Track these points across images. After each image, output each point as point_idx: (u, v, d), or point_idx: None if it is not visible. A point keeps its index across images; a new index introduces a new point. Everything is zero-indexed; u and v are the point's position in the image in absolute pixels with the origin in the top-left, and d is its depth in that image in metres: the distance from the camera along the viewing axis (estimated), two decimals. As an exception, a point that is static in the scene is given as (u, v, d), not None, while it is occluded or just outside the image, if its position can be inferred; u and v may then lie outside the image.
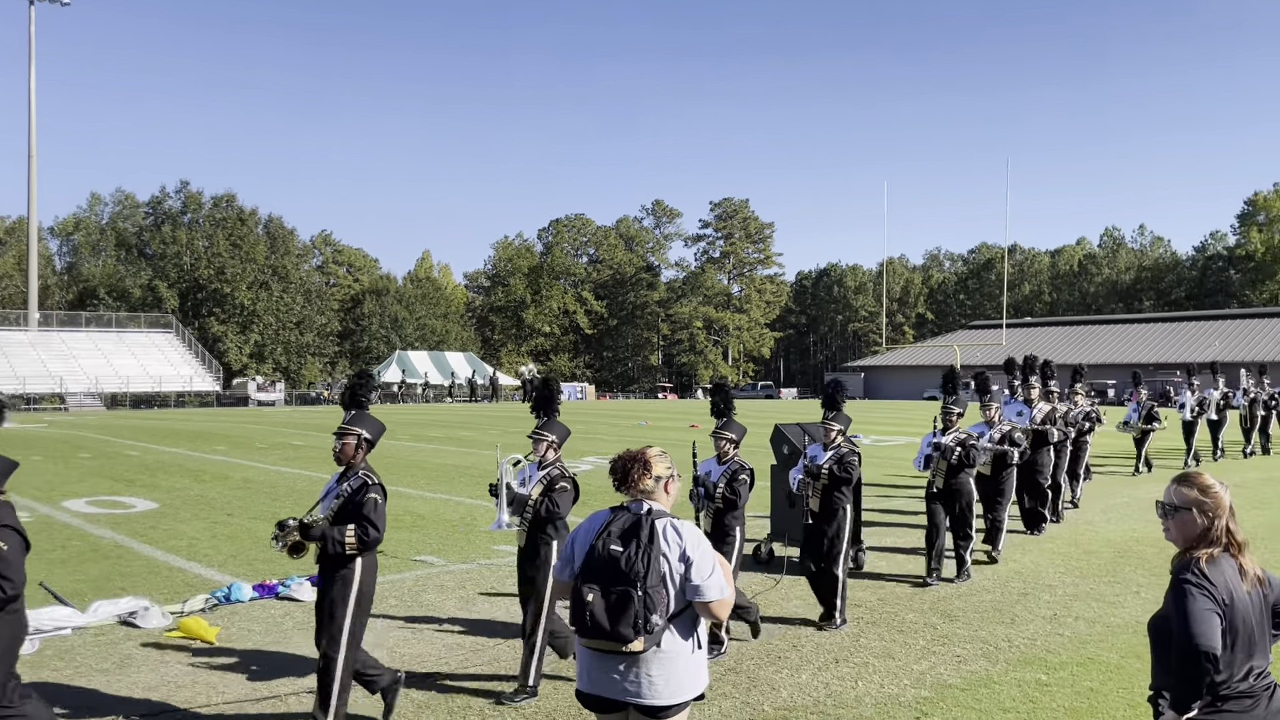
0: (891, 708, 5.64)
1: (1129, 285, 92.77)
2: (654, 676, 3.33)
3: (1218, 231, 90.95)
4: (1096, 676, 6.15)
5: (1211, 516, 3.06)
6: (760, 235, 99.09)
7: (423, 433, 28.42)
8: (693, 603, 3.37)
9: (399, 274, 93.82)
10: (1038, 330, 76.89)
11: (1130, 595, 8.32)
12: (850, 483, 7.46)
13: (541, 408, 6.34)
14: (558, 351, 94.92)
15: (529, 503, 5.96)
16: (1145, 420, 16.96)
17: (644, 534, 3.37)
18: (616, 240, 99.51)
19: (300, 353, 75.72)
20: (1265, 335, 61.85)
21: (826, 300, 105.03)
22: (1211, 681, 2.85)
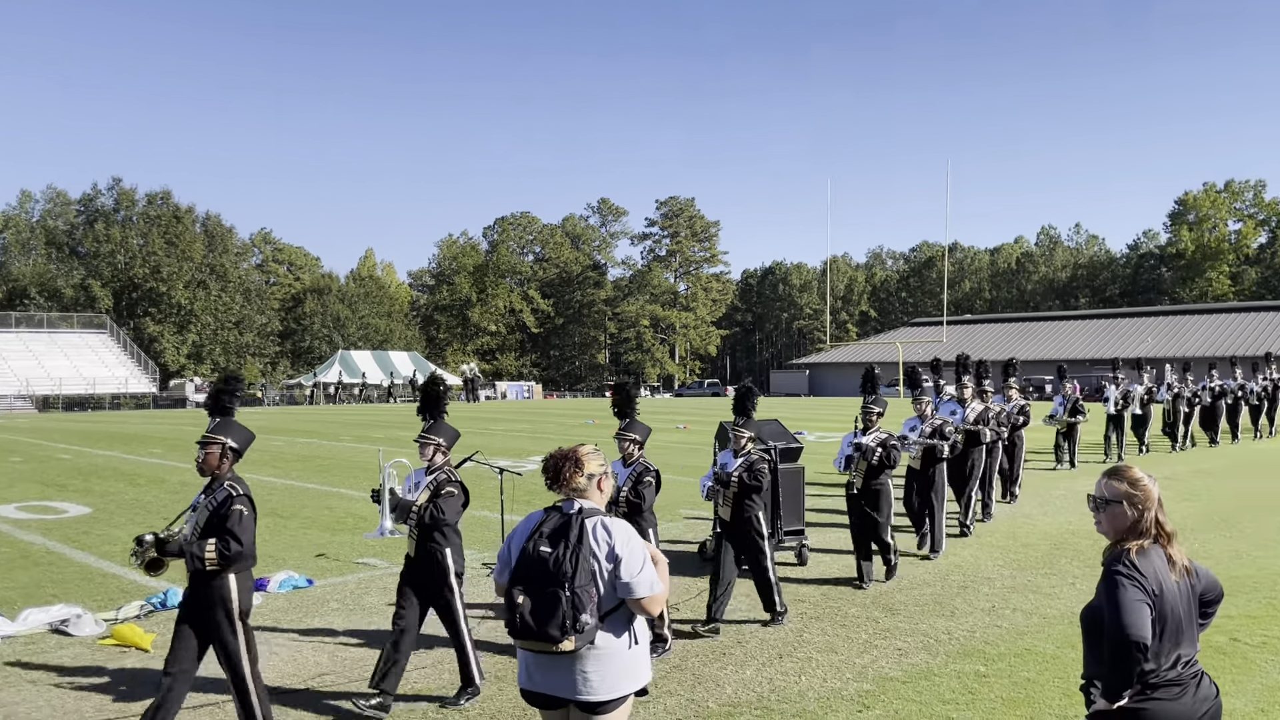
0: (834, 701, 5.70)
1: (1065, 283, 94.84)
2: (589, 673, 3.37)
3: (1150, 230, 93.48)
4: (1033, 667, 6.28)
5: (1141, 509, 3.13)
6: (706, 234, 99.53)
7: (366, 434, 28.09)
8: (625, 600, 3.40)
9: (341, 273, 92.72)
10: (978, 327, 78.28)
11: (1066, 587, 8.50)
12: (760, 490, 7.31)
13: (428, 409, 6.09)
14: (504, 350, 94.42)
15: (414, 509, 5.74)
16: (1070, 414, 17.20)
17: (573, 534, 3.40)
18: (563, 239, 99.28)
19: (240, 353, 74.35)
20: (1195, 331, 63.64)
21: (772, 298, 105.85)
22: (1141, 670, 2.92)
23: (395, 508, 5.85)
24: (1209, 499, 13.67)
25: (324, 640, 7.04)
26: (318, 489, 15.47)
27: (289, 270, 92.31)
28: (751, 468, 7.31)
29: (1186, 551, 3.21)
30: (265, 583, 8.72)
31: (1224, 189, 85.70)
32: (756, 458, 7.39)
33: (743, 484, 7.28)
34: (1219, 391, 21.90)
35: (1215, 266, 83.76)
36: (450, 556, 5.78)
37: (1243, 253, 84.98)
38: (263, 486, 15.54)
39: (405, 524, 5.84)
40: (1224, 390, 22.12)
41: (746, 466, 7.33)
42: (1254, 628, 7.10)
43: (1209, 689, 3.08)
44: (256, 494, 5.72)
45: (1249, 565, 9.25)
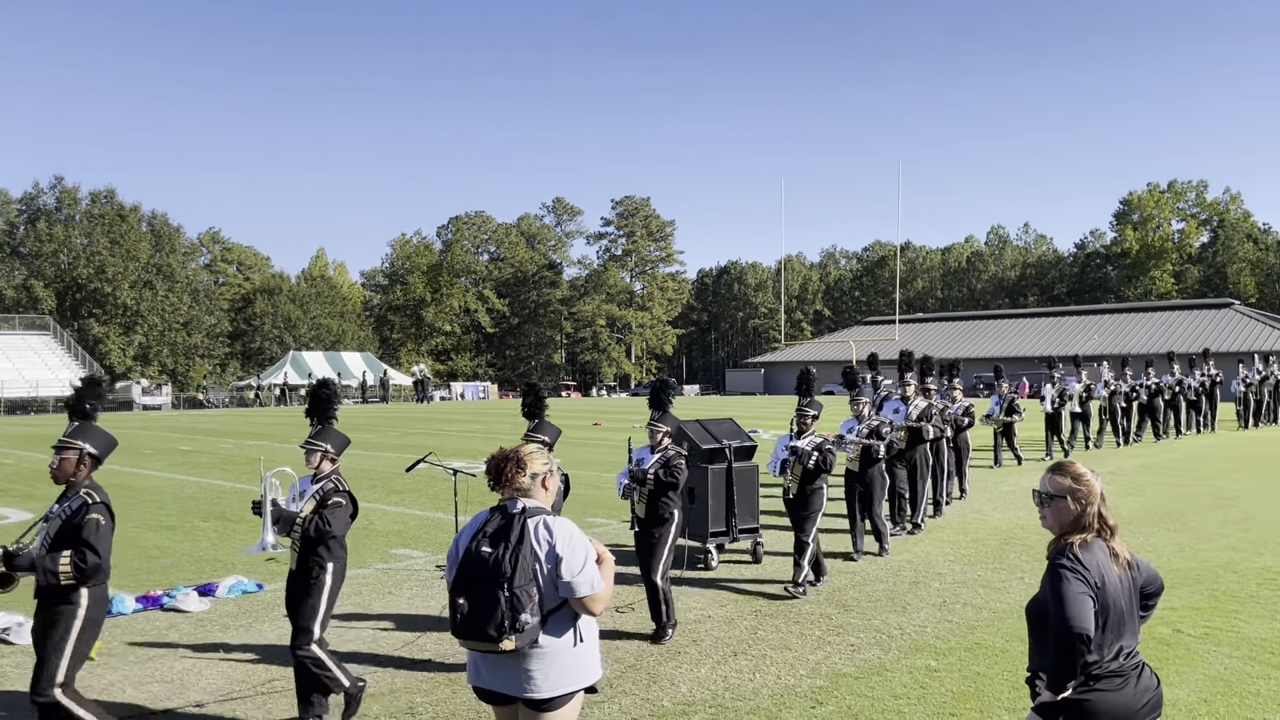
0: (788, 698, 5.74)
1: (1014, 281, 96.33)
2: (533, 672, 3.42)
3: (1097, 230, 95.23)
4: (983, 661, 6.37)
5: (1084, 503, 3.19)
6: (662, 233, 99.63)
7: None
8: (568, 599, 3.43)
9: (292, 272, 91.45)
10: (929, 325, 79.25)
11: (1015, 581, 8.64)
12: (677, 488, 7.08)
13: (316, 413, 5.75)
14: (459, 350, 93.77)
15: (297, 521, 5.37)
16: (1007, 412, 17.20)
17: (514, 534, 3.42)
18: (518, 238, 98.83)
19: (188, 354, 72.98)
20: (1140, 328, 64.98)
21: (727, 297, 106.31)
22: (1084, 662, 2.97)
23: (278, 519, 5.45)
24: (1153, 494, 13.96)
25: (274, 646, 6.93)
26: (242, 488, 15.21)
27: (238, 270, 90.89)
28: (668, 464, 7.10)
29: (1131, 545, 3.28)
30: (214, 588, 8.59)
31: (1167, 189, 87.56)
32: (674, 454, 7.19)
33: (658, 481, 7.07)
34: (1155, 389, 22.14)
35: (1159, 265, 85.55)
36: (331, 572, 5.41)
37: (1185, 252, 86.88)
38: (211, 490, 15.29)
39: (288, 537, 5.46)
40: (1160, 387, 22.34)
41: (663, 463, 7.12)
42: (1197, 619, 7.26)
43: (1150, 679, 3.15)
44: (206, 498, 5.61)
45: (1191, 558, 9.46)
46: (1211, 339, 56.93)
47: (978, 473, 16.45)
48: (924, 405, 11.54)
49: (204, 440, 26.36)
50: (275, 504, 5.50)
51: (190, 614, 7.90)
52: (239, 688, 6.07)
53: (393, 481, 16.22)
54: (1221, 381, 24.89)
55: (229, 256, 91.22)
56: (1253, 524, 11.33)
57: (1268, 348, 48.12)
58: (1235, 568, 9.02)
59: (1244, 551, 9.75)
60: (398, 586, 8.76)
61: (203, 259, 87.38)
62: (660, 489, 7.08)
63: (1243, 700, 5.55)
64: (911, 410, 11.38)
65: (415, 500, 14.03)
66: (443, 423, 34.09)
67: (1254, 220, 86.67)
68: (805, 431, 8.50)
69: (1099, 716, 3.02)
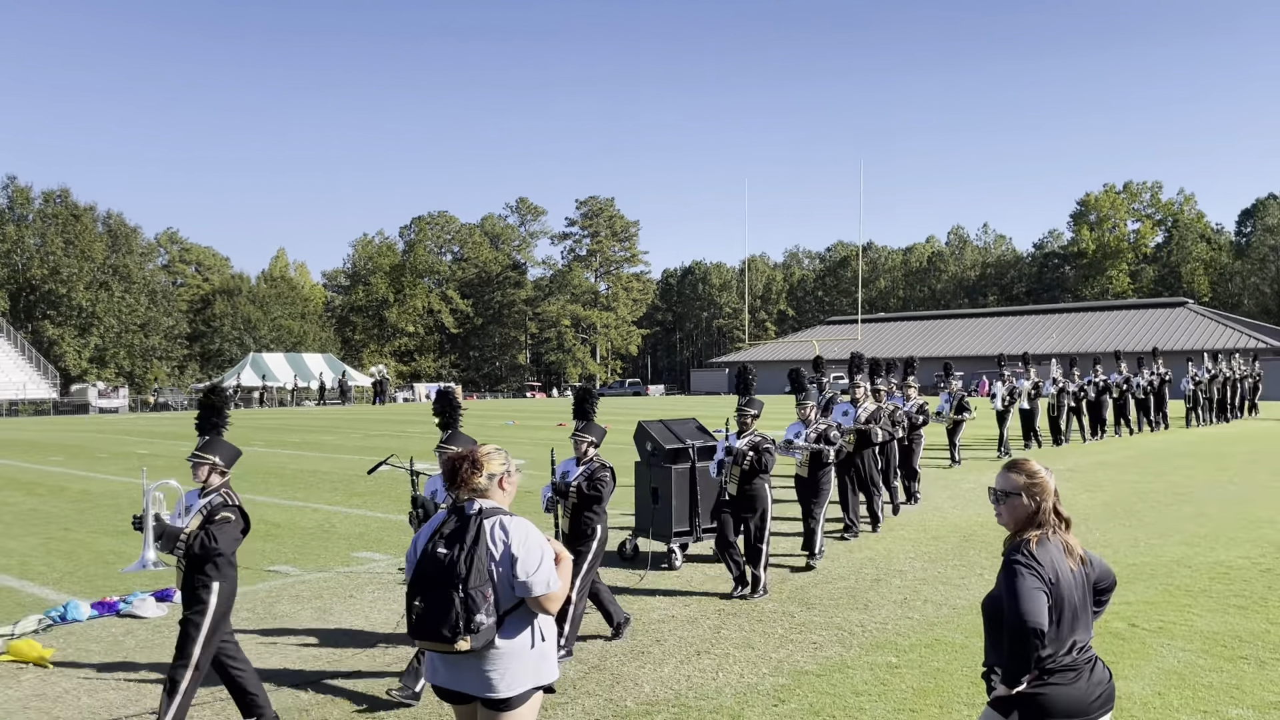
0: (750, 696, 5.77)
1: (974, 281, 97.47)
2: (490, 672, 3.43)
3: (1055, 230, 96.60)
4: (943, 657, 6.44)
5: (1038, 500, 3.24)
6: (626, 234, 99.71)
7: (279, 438, 27.45)
8: (524, 598, 3.44)
9: (252, 273, 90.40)
10: (891, 325, 79.96)
11: (975, 577, 8.73)
12: (601, 501, 6.74)
13: (204, 423, 5.49)
14: (423, 351, 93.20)
15: (181, 537, 5.10)
16: (956, 411, 17.13)
17: (469, 535, 3.44)
18: (482, 238, 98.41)
19: (145, 356, 71.86)
20: (1097, 327, 65.98)
21: (692, 298, 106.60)
22: (1039, 656, 3.02)
23: (160, 535, 5.15)
24: (1111, 490, 14.18)
25: (233, 651, 6.85)
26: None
27: (197, 271, 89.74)
28: (592, 477, 6.75)
29: (1088, 541, 3.34)
30: (171, 593, 8.46)
31: (1123, 190, 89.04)
32: (599, 466, 6.85)
33: (581, 494, 6.73)
34: (1103, 386, 22.29)
35: (1115, 265, 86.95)
36: (217, 591, 5.16)
37: (1141, 251, 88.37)
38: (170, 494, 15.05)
39: (172, 554, 5.20)
40: (1108, 385, 22.52)
41: (588, 475, 6.78)
42: (1151, 613, 7.38)
43: (1102, 673, 3.20)
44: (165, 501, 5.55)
45: (1147, 553, 9.62)
46: (1166, 337, 57.96)
47: (937, 471, 16.63)
48: (873, 408, 11.36)
49: (162, 443, 25.98)
50: (158, 519, 5.21)
51: (147, 620, 7.78)
52: (197, 695, 5.99)
53: (354, 484, 16.09)
54: (1170, 380, 25.16)
55: (187, 257, 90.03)
56: (1206, 519, 11.55)
57: (1221, 346, 49.06)
58: (1189, 562, 9.19)
59: (1197, 546, 9.94)
60: (360, 589, 8.70)
61: (160, 260, 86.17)
62: (584, 503, 6.73)
63: (1195, 693, 5.66)
64: (860, 413, 11.19)
65: (377, 503, 13.93)
66: (404, 424, 33.87)
67: (1207, 221, 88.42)
68: (745, 431, 8.27)
69: (1052, 710, 3.07)
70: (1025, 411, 20.00)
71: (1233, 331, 58.32)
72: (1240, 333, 57.88)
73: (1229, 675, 5.95)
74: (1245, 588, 8.15)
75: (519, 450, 21.19)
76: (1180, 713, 5.35)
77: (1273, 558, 9.30)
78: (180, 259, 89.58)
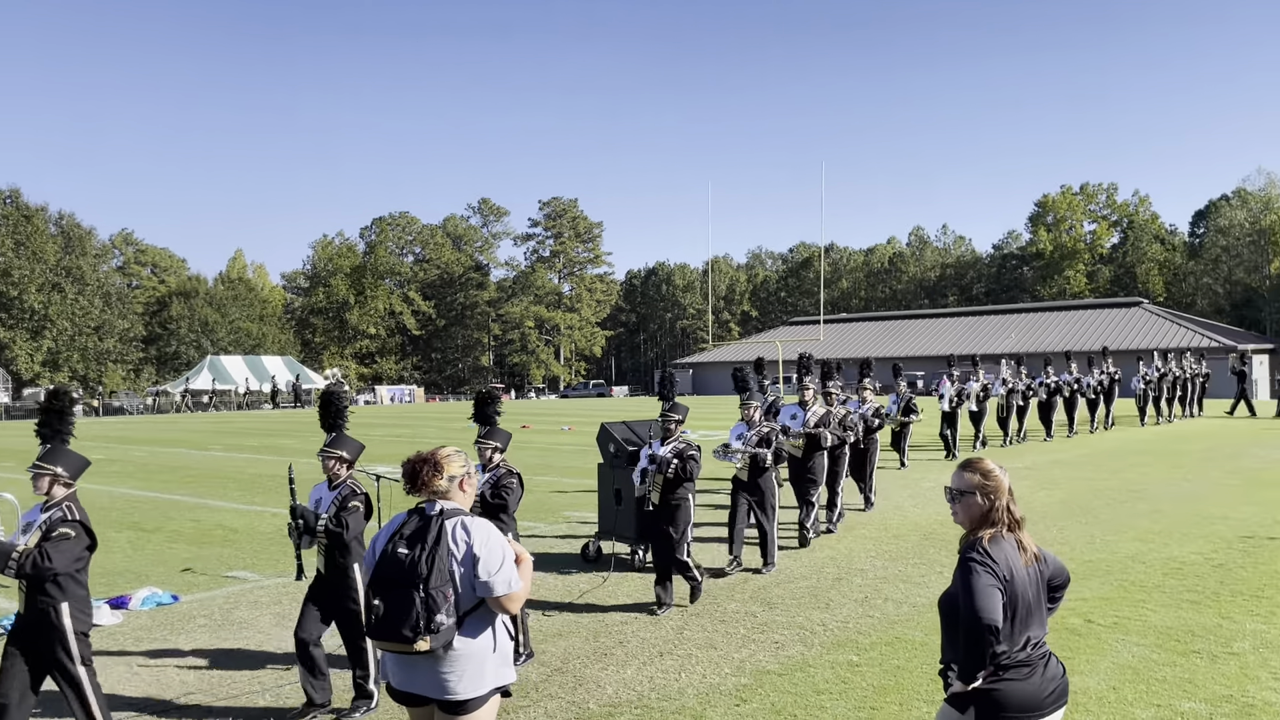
0: (713, 696, 5.78)
1: (935, 282, 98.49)
2: (448, 673, 3.42)
3: (1014, 231, 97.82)
4: (903, 654, 6.49)
5: (992, 498, 3.28)
6: (589, 235, 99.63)
7: (239, 441, 27.10)
8: (485, 599, 3.44)
9: (209, 274, 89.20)
10: (853, 325, 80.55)
11: (935, 575, 8.82)
12: (507, 509, 6.47)
13: (46, 430, 5.18)
14: (384, 354, 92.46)
15: (13, 556, 4.71)
16: (904, 412, 16.87)
17: (431, 535, 3.44)
18: (444, 239, 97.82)
19: (100, 360, 70.66)
20: (1054, 327, 66.90)
21: (655, 299, 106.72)
22: (994, 653, 3.05)
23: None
24: (1067, 488, 14.38)
25: (191, 659, 6.76)
26: (184, 500, 14.84)
27: (153, 273, 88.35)
28: (498, 484, 6.49)
29: (1045, 538, 3.38)
30: (127, 600, 8.33)
31: (1079, 192, 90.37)
32: (504, 473, 6.56)
33: (486, 503, 6.43)
34: (1054, 387, 22.35)
35: (1072, 265, 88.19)
36: (68, 613, 4.79)
37: (1097, 252, 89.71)
38: (125, 500, 14.82)
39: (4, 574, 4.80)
40: (1059, 385, 22.57)
41: (492, 483, 6.49)
42: (1107, 609, 7.50)
43: (1056, 668, 3.25)
44: (119, 508, 5.45)
45: (1102, 550, 9.77)
46: (1122, 337, 58.92)
47: (893, 472, 16.78)
48: (823, 411, 10.86)
49: (118, 448, 25.55)
50: None
51: (101, 627, 7.65)
52: (153, 703, 5.90)
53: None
54: (1120, 379, 25.38)
55: (143, 259, 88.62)
56: (1160, 515, 11.76)
57: (1175, 345, 49.95)
58: (1143, 558, 9.35)
59: (1151, 542, 10.11)
60: (319, 595, 8.60)
61: (115, 261, 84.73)
62: (488, 512, 6.33)
63: (1149, 687, 5.76)
64: (809, 416, 10.72)
65: (338, 506, 13.78)
66: (367, 427, 33.54)
67: (1161, 222, 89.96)
68: (669, 437, 7.92)
69: (1007, 705, 3.11)
70: (974, 413, 20.03)
71: (1186, 330, 59.39)
72: (1194, 332, 58.95)
73: (1182, 669, 6.06)
74: (1198, 583, 8.31)
75: (482, 452, 21.09)
76: (1134, 706, 5.44)
77: (1224, 553, 9.49)
78: (135, 260, 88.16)
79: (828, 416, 10.82)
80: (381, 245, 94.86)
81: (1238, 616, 7.22)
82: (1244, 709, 5.37)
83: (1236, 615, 7.25)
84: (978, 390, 19.93)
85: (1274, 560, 9.10)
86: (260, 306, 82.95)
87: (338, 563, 5.75)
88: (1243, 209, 78.88)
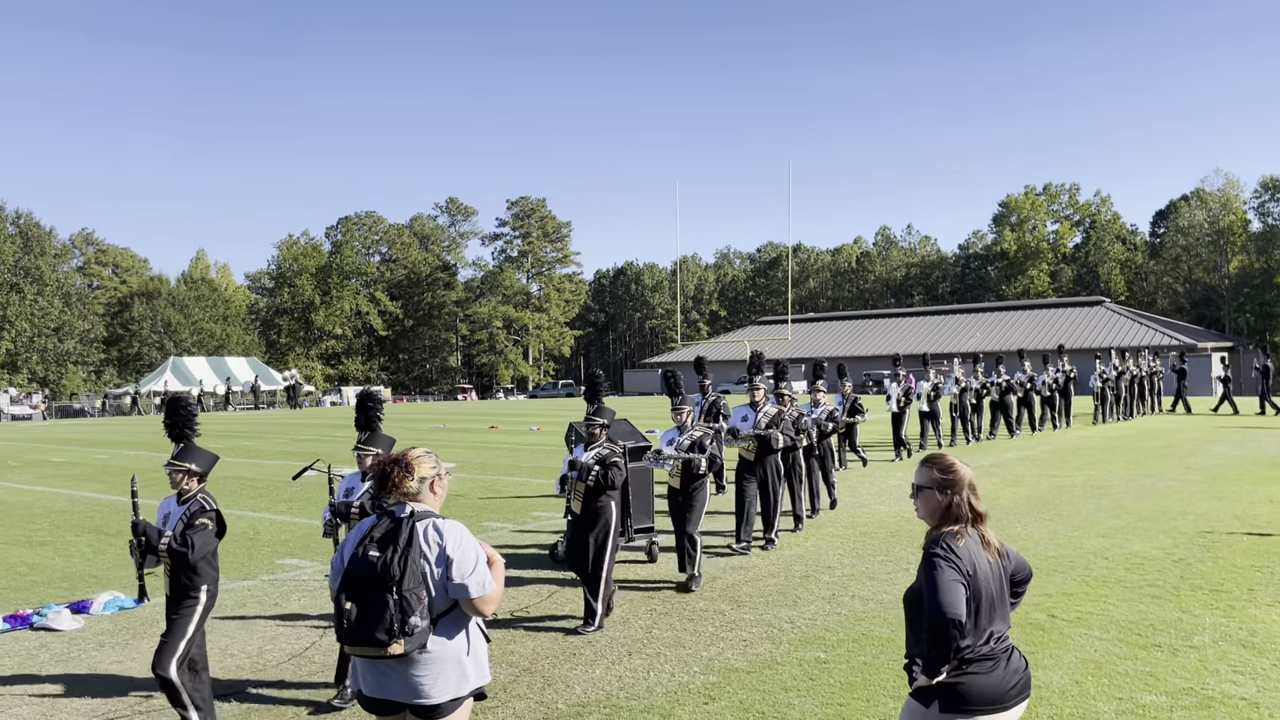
0: (681, 695, 5.79)
1: (901, 281, 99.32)
2: (422, 677, 3.37)
3: (978, 231, 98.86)
4: (870, 651, 6.54)
5: (951, 494, 3.31)
6: (558, 234, 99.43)
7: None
8: (459, 601, 3.41)
9: (172, 275, 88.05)
10: (820, 325, 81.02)
11: (901, 572, 8.89)
12: None
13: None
14: (350, 354, 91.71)
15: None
16: (850, 413, 16.28)
17: (402, 538, 3.39)
18: (410, 239, 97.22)
19: (60, 361, 69.53)
20: (1019, 325, 67.67)
21: (624, 298, 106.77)
22: (958, 646, 3.08)
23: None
24: (1031, 484, 14.55)
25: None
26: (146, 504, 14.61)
27: (114, 273, 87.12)
28: None
29: (1009, 534, 3.42)
30: (88, 605, 8.21)
31: (1042, 192, 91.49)
32: None
33: (365, 513, 5.94)
34: (1007, 386, 22.01)
35: (1036, 265, 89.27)
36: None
37: (1060, 252, 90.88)
38: (86, 503, 14.60)
39: None
40: (1011, 384, 22.20)
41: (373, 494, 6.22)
42: (1070, 604, 7.59)
43: (1019, 662, 3.29)
44: (80, 511, 5.38)
45: (1065, 546, 9.89)
46: (1085, 335, 59.71)
47: (857, 471, 16.88)
48: (774, 412, 10.40)
49: (78, 451, 25.17)
50: None
51: (62, 633, 7.54)
52: (114, 708, 5.82)
53: (279, 490, 15.77)
54: (1076, 378, 25.13)
55: (104, 259, 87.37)
56: (1122, 511, 11.92)
57: (1136, 343, 50.73)
58: (1105, 554, 9.48)
59: (1114, 538, 10.25)
60: (285, 598, 8.53)
61: (75, 261, 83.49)
62: None
63: (1111, 680, 5.84)
64: (760, 417, 10.30)
65: (303, 509, 13.67)
66: (332, 428, 33.29)
67: (1123, 222, 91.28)
68: (593, 443, 7.59)
69: (971, 698, 3.14)
70: (925, 413, 19.83)
71: (1148, 329, 60.31)
72: (1155, 330, 59.88)
73: (1143, 663, 6.15)
74: (1159, 578, 8.43)
75: (450, 453, 20.99)
76: (1097, 700, 5.51)
77: (1185, 548, 9.64)
78: (96, 261, 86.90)
79: (779, 417, 10.40)
80: (347, 245, 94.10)
81: (1198, 610, 7.34)
82: (1204, 701, 5.46)
83: (1196, 609, 7.37)
84: (928, 390, 19.66)
85: (1233, 555, 9.26)
86: (224, 307, 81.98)
87: (182, 584, 5.21)
88: (1202, 209, 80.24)
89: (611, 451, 7.50)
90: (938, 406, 20.13)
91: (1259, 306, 76.29)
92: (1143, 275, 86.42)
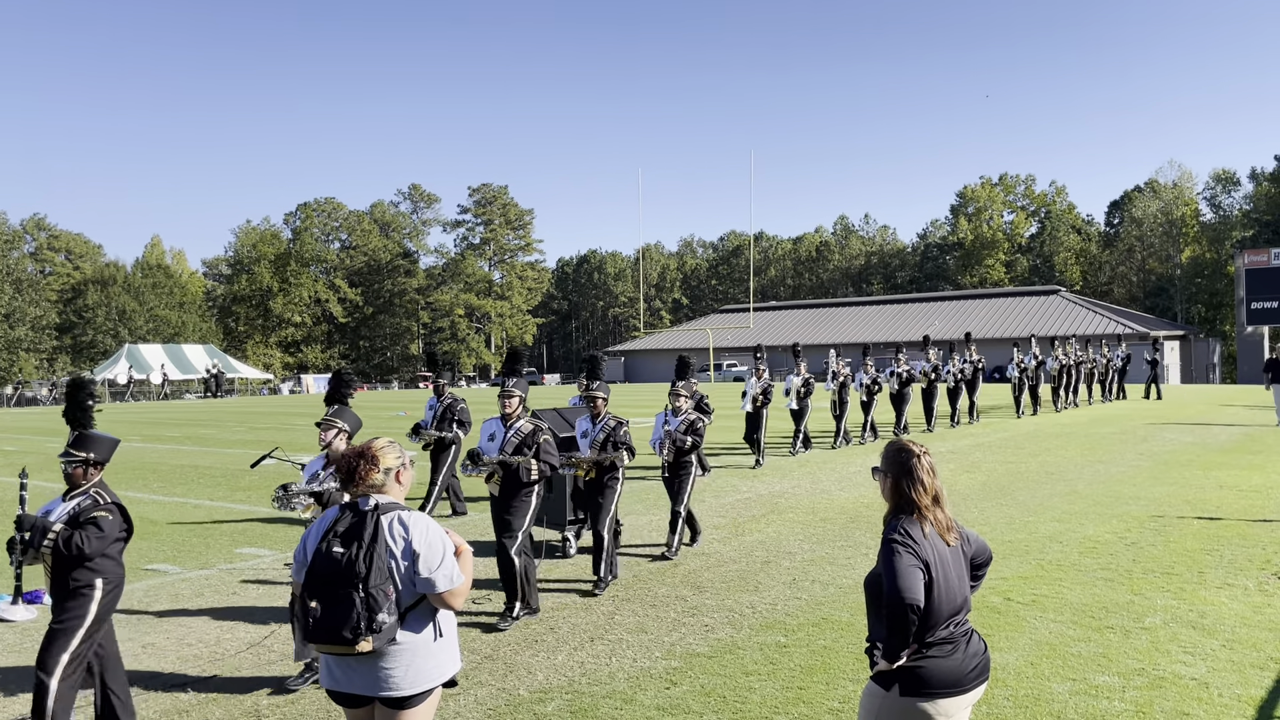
0: (643, 680, 5.81)
1: (860, 270, 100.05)
2: (392, 670, 3.34)
3: (937, 220, 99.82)
4: (830, 635, 6.60)
5: (908, 478, 3.35)
6: (520, 222, 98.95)
7: (158, 432, 26.37)
8: (426, 594, 3.37)
9: (127, 261, 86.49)
10: (782, 313, 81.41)
11: (861, 557, 8.98)
12: None
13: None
14: (310, 342, 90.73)
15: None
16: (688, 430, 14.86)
17: (367, 532, 3.33)
18: (371, 225, 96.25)
19: (12, 349, 68.15)
20: (975, 313, 68.48)
21: (587, 286, 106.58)
22: (916, 630, 3.12)
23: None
24: (987, 470, 14.75)
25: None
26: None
27: (67, 259, 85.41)
28: None
29: (967, 519, 3.46)
30: (40, 595, 8.06)
31: (998, 183, 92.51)
32: None
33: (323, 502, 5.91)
34: (907, 377, 20.76)
35: (992, 254, 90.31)
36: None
37: (1016, 241, 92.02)
38: (40, 492, 14.32)
39: None
40: (911, 376, 20.95)
41: None
42: (1025, 588, 7.72)
43: (978, 645, 3.34)
44: (32, 501, 5.28)
45: (1021, 530, 10.04)
46: (1041, 324, 60.50)
47: (820, 454, 16.98)
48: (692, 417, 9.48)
49: (30, 439, 24.68)
50: None
51: (14, 624, 7.40)
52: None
53: (237, 478, 15.59)
54: (984, 367, 24.25)
55: (56, 244, 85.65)
56: (1076, 496, 12.12)
57: (1092, 332, 51.47)
58: (1060, 538, 9.63)
59: (1068, 522, 10.42)
60: (243, 587, 8.44)
61: (27, 247, 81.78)
62: None
63: (1065, 662, 5.94)
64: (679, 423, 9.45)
65: (262, 497, 13.53)
66: (293, 416, 32.95)
67: (1078, 212, 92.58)
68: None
69: (931, 681, 3.19)
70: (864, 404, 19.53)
71: (1102, 318, 61.26)
72: (1110, 319, 60.84)
73: (1097, 644, 6.26)
74: (1111, 561, 8.59)
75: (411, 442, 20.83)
76: (1051, 681, 5.61)
77: (1137, 532, 9.82)
78: (48, 246, 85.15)
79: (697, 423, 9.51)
80: (307, 231, 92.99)
81: (1149, 593, 7.49)
82: (1155, 681, 5.57)
83: (1148, 592, 7.52)
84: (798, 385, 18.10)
85: (1184, 539, 9.46)
86: (180, 294, 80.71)
87: (68, 587, 4.81)
88: (1155, 200, 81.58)
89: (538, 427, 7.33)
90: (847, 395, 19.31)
91: (1210, 296, 77.85)
92: (1098, 265, 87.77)
